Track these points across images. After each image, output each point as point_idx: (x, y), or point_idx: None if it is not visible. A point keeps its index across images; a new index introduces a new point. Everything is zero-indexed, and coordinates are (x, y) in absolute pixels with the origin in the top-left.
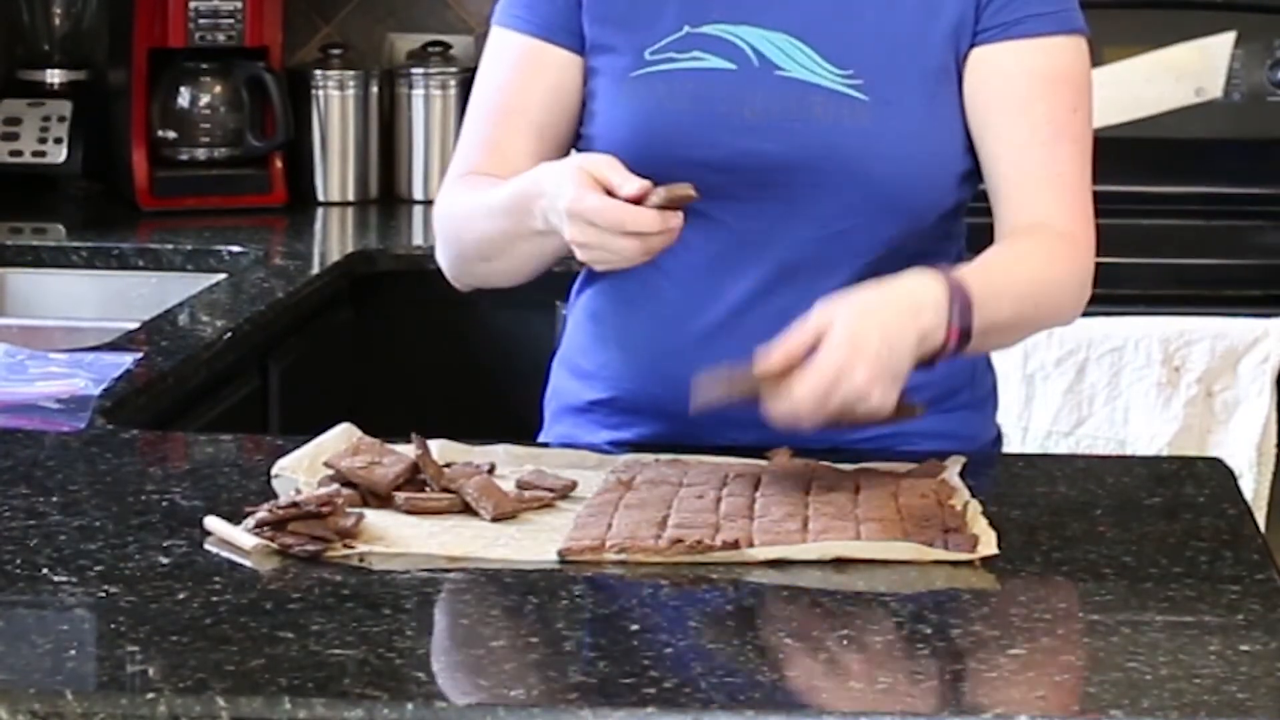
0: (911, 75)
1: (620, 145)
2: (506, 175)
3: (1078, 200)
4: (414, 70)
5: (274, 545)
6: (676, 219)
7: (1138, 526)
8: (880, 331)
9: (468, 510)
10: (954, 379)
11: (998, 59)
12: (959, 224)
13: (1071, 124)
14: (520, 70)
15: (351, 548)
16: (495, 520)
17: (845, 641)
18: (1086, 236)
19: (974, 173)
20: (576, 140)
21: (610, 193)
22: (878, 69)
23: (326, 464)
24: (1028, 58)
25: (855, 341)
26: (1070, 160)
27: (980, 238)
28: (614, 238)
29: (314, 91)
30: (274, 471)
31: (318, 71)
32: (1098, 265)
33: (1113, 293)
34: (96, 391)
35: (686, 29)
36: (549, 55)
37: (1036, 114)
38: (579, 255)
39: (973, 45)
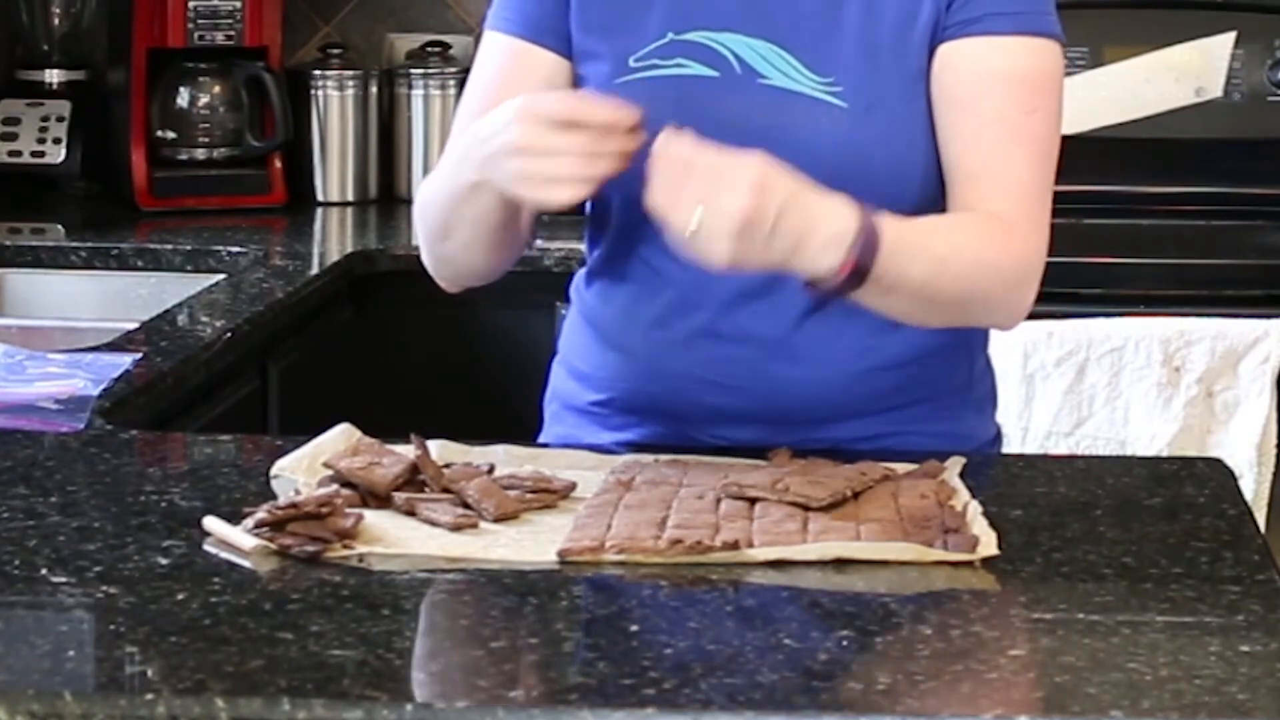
0: (892, 81)
1: None
2: None
3: (1024, 199)
4: (413, 70)
5: (273, 546)
6: (630, 139)
7: (1138, 527)
8: (783, 197)
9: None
10: (953, 378)
11: (954, 56)
12: None
13: (1025, 125)
14: (507, 71)
15: (351, 548)
16: (496, 521)
17: (845, 641)
18: (1029, 233)
19: None
20: None
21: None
22: (858, 76)
23: (326, 464)
24: (983, 56)
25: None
26: (1019, 161)
27: None
28: (559, 136)
29: (313, 92)
30: (273, 472)
31: (317, 71)
32: (1098, 265)
33: (1113, 293)
34: (95, 392)
35: (670, 36)
36: (536, 57)
37: (985, 112)
38: (515, 185)
39: (939, 43)
